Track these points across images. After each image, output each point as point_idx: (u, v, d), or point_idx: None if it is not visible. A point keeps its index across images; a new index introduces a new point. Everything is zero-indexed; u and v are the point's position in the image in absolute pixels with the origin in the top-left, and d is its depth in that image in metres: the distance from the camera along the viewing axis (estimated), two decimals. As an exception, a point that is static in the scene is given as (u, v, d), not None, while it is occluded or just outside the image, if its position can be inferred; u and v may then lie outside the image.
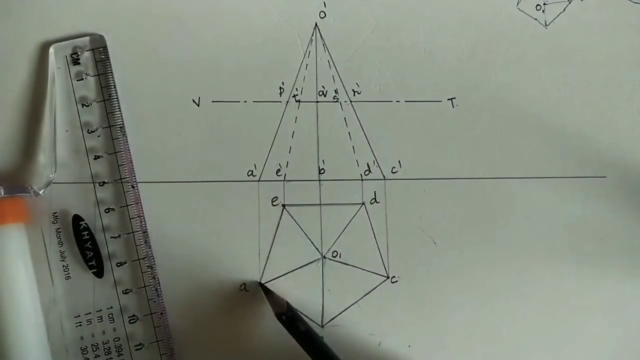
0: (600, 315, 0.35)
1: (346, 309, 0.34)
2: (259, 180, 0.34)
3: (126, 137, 0.33)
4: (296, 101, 0.34)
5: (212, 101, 0.34)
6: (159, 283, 0.33)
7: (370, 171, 0.34)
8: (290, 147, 0.34)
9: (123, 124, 0.33)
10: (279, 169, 0.34)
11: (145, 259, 0.33)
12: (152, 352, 0.33)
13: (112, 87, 0.33)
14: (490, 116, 0.35)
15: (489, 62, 0.35)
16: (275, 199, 0.34)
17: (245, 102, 0.34)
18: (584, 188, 0.35)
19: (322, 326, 0.34)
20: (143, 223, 0.33)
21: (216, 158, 0.34)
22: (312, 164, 0.34)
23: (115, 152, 0.33)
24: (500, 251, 0.34)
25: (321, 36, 0.35)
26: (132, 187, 0.33)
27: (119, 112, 0.33)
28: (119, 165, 0.33)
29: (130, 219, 0.33)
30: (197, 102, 0.34)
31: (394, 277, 0.34)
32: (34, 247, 0.32)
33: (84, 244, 0.32)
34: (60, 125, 0.33)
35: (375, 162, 0.34)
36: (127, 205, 0.33)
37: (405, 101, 0.35)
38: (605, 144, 0.36)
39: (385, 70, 0.35)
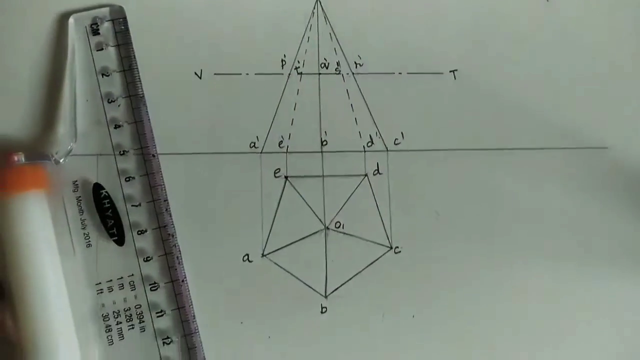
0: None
1: (349, 279, 0.34)
2: (261, 152, 0.34)
3: (146, 106, 0.33)
4: (298, 73, 0.34)
5: (215, 74, 0.34)
6: (179, 251, 0.33)
7: (372, 143, 0.34)
8: (293, 119, 0.34)
9: (143, 93, 0.33)
10: (282, 141, 0.34)
11: (166, 227, 0.33)
12: (173, 318, 0.33)
13: (132, 57, 0.33)
14: (492, 88, 0.35)
15: (491, 34, 0.35)
16: (277, 171, 0.34)
17: (247, 74, 0.34)
18: (585, 158, 0.35)
19: (326, 297, 0.34)
20: (163, 191, 0.33)
21: (218, 130, 0.34)
22: (314, 136, 0.34)
23: (136, 122, 0.33)
24: (502, 220, 0.35)
25: (322, 9, 0.35)
26: (153, 155, 0.33)
27: (139, 82, 0.33)
28: (139, 135, 0.33)
29: (151, 187, 0.33)
30: (199, 74, 0.34)
31: (397, 247, 0.34)
32: (54, 215, 0.31)
33: (104, 212, 0.32)
34: (81, 95, 0.33)
35: (378, 133, 0.35)
36: (147, 174, 0.33)
37: (407, 73, 0.35)
38: (607, 115, 0.36)
39: (387, 42, 0.35)
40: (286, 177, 0.34)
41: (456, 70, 0.35)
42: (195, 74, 0.34)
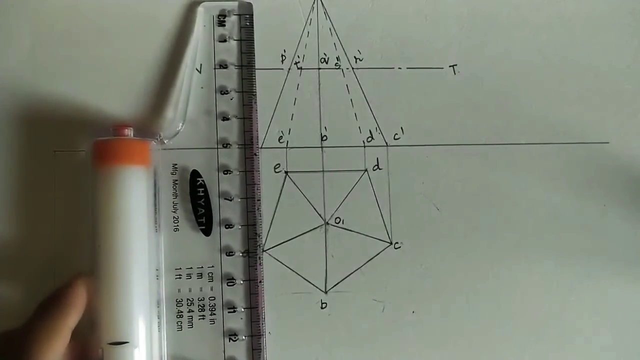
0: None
1: (350, 274, 0.34)
2: (261, 147, 0.34)
3: (257, 104, 0.33)
4: (298, 68, 0.34)
5: (215, 68, 0.34)
6: (263, 251, 0.33)
7: (372, 138, 0.34)
8: (293, 114, 0.34)
9: (255, 92, 0.33)
10: (281, 136, 0.34)
11: (254, 226, 0.33)
12: (244, 317, 0.33)
13: (252, 54, 0.33)
14: (492, 82, 0.35)
15: (490, 28, 0.35)
16: (277, 166, 0.34)
17: (247, 69, 0.34)
18: (586, 154, 0.35)
19: (326, 292, 0.34)
20: (259, 191, 0.33)
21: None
22: (314, 131, 0.34)
23: (244, 118, 0.33)
24: (502, 214, 0.34)
25: (322, 3, 0.35)
26: (255, 154, 0.33)
27: (254, 79, 0.33)
28: (245, 131, 0.33)
29: (247, 184, 0.33)
30: (199, 69, 0.34)
31: (397, 243, 0.34)
32: (150, 193, 0.31)
33: (197, 200, 0.33)
34: (196, 82, 0.33)
35: (378, 128, 0.34)
36: (245, 171, 0.33)
37: (407, 68, 0.35)
38: (608, 110, 0.36)
39: (387, 37, 0.35)
40: (286, 172, 0.34)
41: (456, 65, 0.35)
42: (196, 69, 0.34)
